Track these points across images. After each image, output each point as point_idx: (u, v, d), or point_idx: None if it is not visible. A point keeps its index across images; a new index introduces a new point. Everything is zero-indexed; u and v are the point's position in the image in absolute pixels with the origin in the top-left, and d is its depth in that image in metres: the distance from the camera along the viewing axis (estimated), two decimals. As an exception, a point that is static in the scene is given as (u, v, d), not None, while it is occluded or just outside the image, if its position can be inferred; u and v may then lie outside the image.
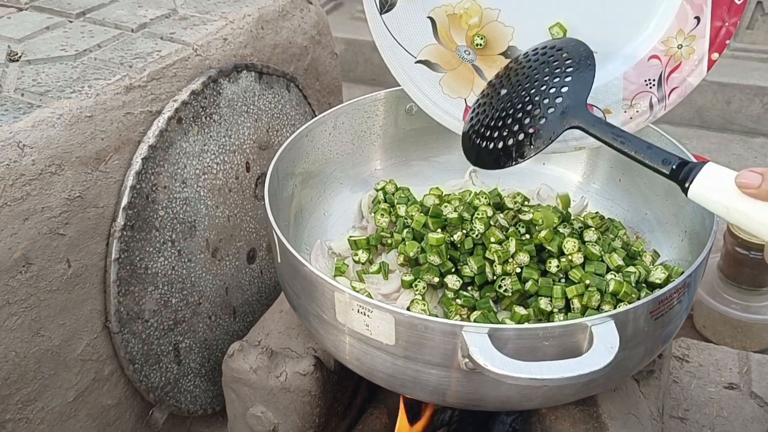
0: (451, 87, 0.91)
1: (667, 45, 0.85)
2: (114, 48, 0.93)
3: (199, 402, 1.02)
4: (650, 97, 0.86)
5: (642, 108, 0.86)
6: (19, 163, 0.74)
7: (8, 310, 0.75)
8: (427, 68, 0.90)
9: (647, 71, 0.86)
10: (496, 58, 0.90)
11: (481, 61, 0.90)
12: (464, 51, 0.90)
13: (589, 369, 0.59)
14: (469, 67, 0.90)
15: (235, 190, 1.02)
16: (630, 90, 0.87)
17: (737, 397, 1.11)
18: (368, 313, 0.67)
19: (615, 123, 0.87)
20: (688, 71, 0.84)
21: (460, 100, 0.91)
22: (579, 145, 0.90)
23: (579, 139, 0.90)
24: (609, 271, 0.82)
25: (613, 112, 0.87)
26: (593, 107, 0.88)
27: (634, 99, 0.87)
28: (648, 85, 0.86)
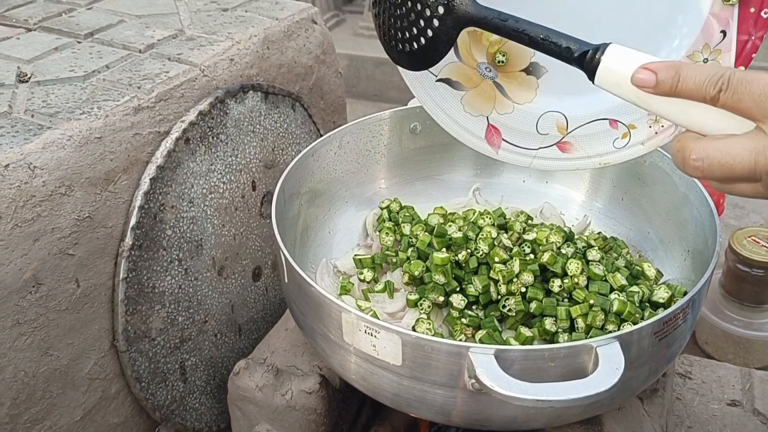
0: (473, 105, 0.90)
1: (692, 59, 0.84)
2: (122, 69, 0.94)
3: (205, 420, 1.02)
4: None
5: (667, 123, 0.86)
6: (29, 184, 0.75)
7: (18, 330, 0.75)
8: (448, 86, 0.90)
9: None
10: (518, 74, 0.90)
11: (503, 78, 0.90)
12: (485, 68, 0.89)
13: (595, 390, 0.59)
14: (491, 84, 0.90)
15: (241, 208, 1.03)
16: None
17: (740, 414, 1.12)
18: (375, 333, 0.67)
19: (640, 138, 0.87)
20: None
21: (482, 118, 0.91)
22: (603, 161, 0.90)
23: (602, 155, 0.89)
24: (612, 290, 0.83)
25: (638, 126, 0.87)
26: (617, 122, 0.88)
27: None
28: None
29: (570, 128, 0.89)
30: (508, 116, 0.91)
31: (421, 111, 1.03)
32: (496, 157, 0.92)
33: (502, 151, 0.91)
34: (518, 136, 0.91)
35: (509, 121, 0.91)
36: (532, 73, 0.89)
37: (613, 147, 0.88)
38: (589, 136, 0.89)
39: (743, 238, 1.31)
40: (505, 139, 0.91)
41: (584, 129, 0.89)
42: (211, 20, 1.10)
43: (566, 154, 0.90)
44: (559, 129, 0.90)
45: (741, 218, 1.98)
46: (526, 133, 0.91)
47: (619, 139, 0.88)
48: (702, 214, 0.84)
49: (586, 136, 0.89)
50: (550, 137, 0.90)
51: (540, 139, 0.90)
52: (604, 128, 0.89)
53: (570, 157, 0.90)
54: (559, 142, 0.90)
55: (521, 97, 0.90)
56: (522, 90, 0.90)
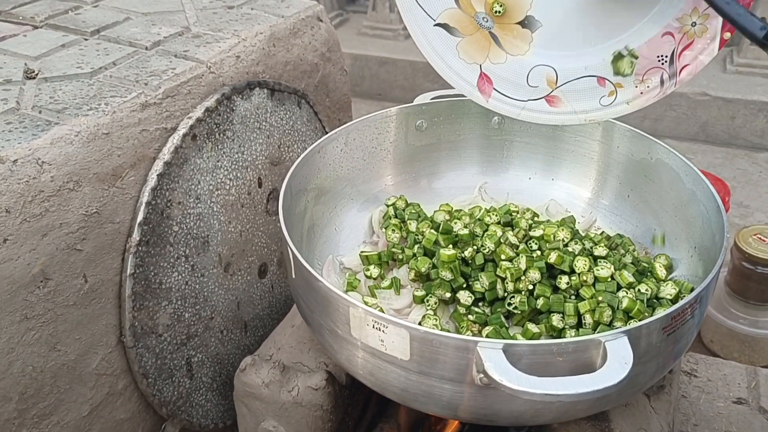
0: (468, 52, 0.92)
1: (681, 22, 0.86)
2: (129, 66, 0.94)
3: (211, 416, 1.03)
4: (661, 74, 0.88)
5: (653, 83, 0.88)
6: (38, 179, 0.75)
7: (26, 324, 0.76)
8: (445, 32, 0.92)
9: (660, 47, 0.87)
10: (514, 27, 0.91)
11: (498, 29, 0.91)
12: (482, 18, 0.91)
13: (603, 385, 0.59)
14: (486, 34, 0.92)
15: (248, 205, 1.03)
16: (642, 65, 0.88)
17: (746, 412, 1.11)
18: (383, 328, 0.68)
19: (626, 97, 0.90)
20: (700, 49, 0.86)
21: (475, 65, 0.92)
22: (588, 117, 0.92)
23: (588, 112, 0.92)
24: (620, 288, 0.83)
25: (624, 86, 0.89)
26: (605, 80, 0.90)
27: (646, 74, 0.88)
28: (660, 61, 0.87)
29: (559, 82, 0.92)
30: (501, 66, 0.92)
31: (427, 108, 1.03)
32: (486, 105, 0.94)
33: (492, 99, 0.93)
34: (509, 86, 0.93)
35: (501, 71, 0.93)
36: (527, 26, 0.91)
37: (599, 104, 0.91)
38: (576, 91, 0.92)
39: (749, 236, 1.31)
40: (496, 88, 0.93)
41: (573, 84, 0.92)
42: (217, 17, 1.10)
43: (553, 107, 0.93)
44: (548, 83, 0.92)
45: (746, 217, 1.98)
46: (517, 84, 0.93)
47: (606, 97, 0.91)
48: (709, 211, 0.84)
49: (574, 91, 0.92)
50: (539, 90, 0.93)
51: (529, 91, 0.93)
52: (592, 85, 0.91)
53: (557, 111, 0.93)
54: (547, 96, 0.92)
55: (515, 49, 0.92)
56: (516, 42, 0.92)
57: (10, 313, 0.74)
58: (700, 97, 2.26)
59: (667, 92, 0.88)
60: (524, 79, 0.92)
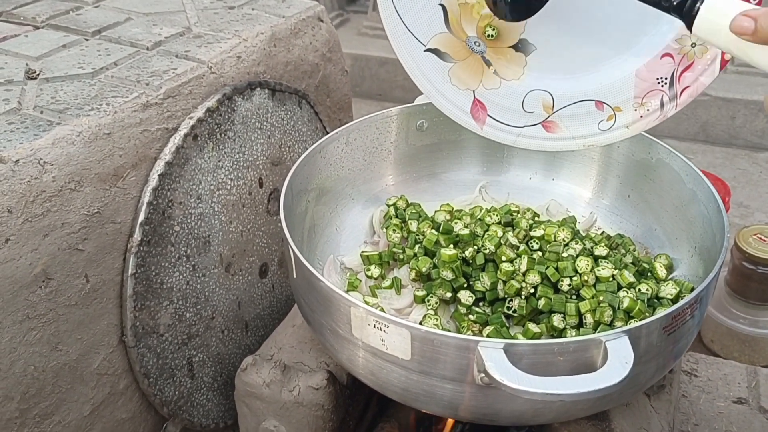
0: (460, 78, 0.90)
1: (680, 43, 0.84)
2: (130, 66, 0.94)
3: (212, 416, 1.03)
4: (661, 96, 0.86)
5: (653, 106, 0.86)
6: (39, 179, 0.75)
7: (28, 324, 0.76)
8: (436, 57, 0.89)
9: (659, 69, 0.86)
10: (507, 50, 0.90)
11: (491, 53, 0.90)
12: (474, 42, 0.89)
13: (604, 384, 0.59)
14: (479, 58, 0.90)
15: (249, 205, 1.03)
16: (641, 88, 0.87)
17: (746, 411, 1.12)
18: (384, 328, 0.68)
19: (625, 121, 0.88)
20: (700, 70, 0.84)
21: (468, 91, 0.91)
22: (587, 143, 0.90)
23: (587, 137, 0.90)
24: (620, 288, 0.83)
25: (623, 109, 0.88)
26: (603, 104, 0.89)
27: (645, 97, 0.87)
28: (660, 83, 0.86)
29: (556, 107, 0.90)
30: (495, 92, 0.91)
31: (428, 108, 1.03)
32: (480, 133, 0.92)
33: (486, 126, 0.92)
34: (504, 112, 0.91)
35: (495, 97, 0.91)
36: (521, 50, 0.89)
37: (597, 129, 0.89)
38: (574, 116, 0.90)
39: (749, 236, 1.31)
40: (490, 114, 0.91)
41: (570, 109, 0.90)
42: (217, 18, 1.11)
43: (551, 133, 0.91)
44: (544, 108, 0.90)
45: (746, 217, 1.98)
46: (512, 110, 0.91)
47: (605, 122, 0.89)
48: (710, 211, 0.84)
49: (571, 116, 0.90)
50: (535, 116, 0.91)
51: (525, 117, 0.91)
52: (590, 109, 0.89)
53: (554, 137, 0.91)
54: (544, 121, 0.91)
55: (509, 74, 0.90)
56: (510, 66, 0.90)
57: (12, 312, 0.74)
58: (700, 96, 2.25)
59: (668, 115, 0.87)
60: (519, 105, 0.90)
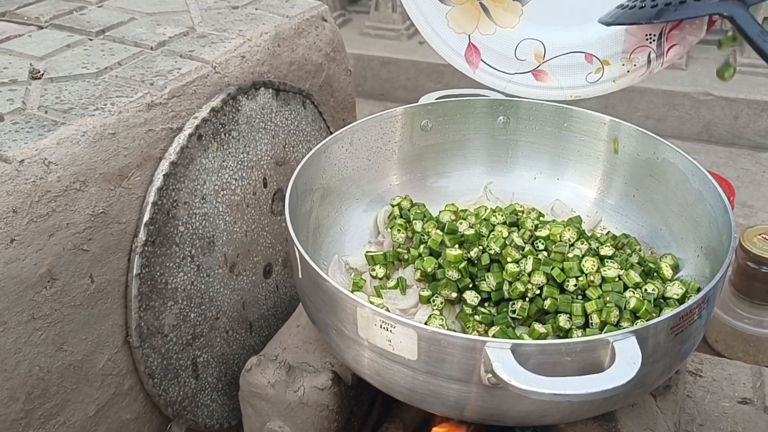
0: (457, 21, 0.92)
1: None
2: (134, 66, 0.94)
3: (216, 416, 1.03)
4: (649, 52, 0.88)
5: (640, 62, 0.88)
6: (44, 179, 0.75)
7: (33, 325, 0.76)
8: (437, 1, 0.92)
9: (649, 26, 0.88)
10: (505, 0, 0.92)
11: (489, 0, 0.92)
12: None
13: (612, 385, 0.59)
14: (477, 4, 0.92)
15: (253, 205, 1.03)
16: (630, 43, 0.89)
17: (751, 411, 1.11)
18: (390, 328, 0.67)
19: (612, 75, 0.91)
20: (688, 29, 0.86)
21: (464, 35, 0.93)
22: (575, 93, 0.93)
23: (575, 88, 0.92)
24: (626, 288, 0.83)
25: (611, 63, 0.90)
26: (592, 57, 0.90)
27: (634, 53, 0.89)
28: (648, 39, 0.88)
29: (547, 57, 0.92)
30: (490, 37, 0.93)
31: (432, 108, 1.03)
32: (472, 76, 0.94)
33: (479, 71, 0.94)
34: (496, 58, 0.94)
35: (490, 42, 0.93)
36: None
37: (585, 81, 0.92)
38: (564, 67, 0.92)
39: (753, 236, 1.31)
40: (483, 59, 0.94)
41: (560, 60, 0.92)
42: (221, 18, 1.10)
43: (540, 82, 0.93)
44: (536, 56, 0.92)
45: (749, 216, 1.98)
46: (505, 56, 0.94)
47: (592, 74, 0.92)
48: (716, 211, 0.83)
49: (561, 66, 0.92)
50: (526, 63, 0.93)
51: (517, 64, 0.94)
52: (579, 61, 0.92)
53: (543, 86, 0.94)
54: (534, 70, 0.93)
55: (504, 21, 0.93)
56: (506, 14, 0.92)
57: (17, 313, 0.74)
58: (704, 96, 2.26)
59: (654, 71, 0.89)
60: (512, 52, 0.93)
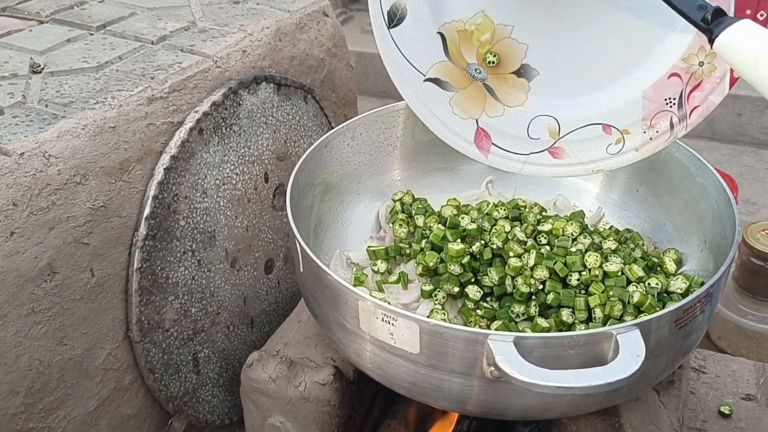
0: (462, 106, 0.88)
1: (687, 63, 0.83)
2: (135, 60, 0.94)
3: (217, 412, 1.02)
4: (671, 117, 0.84)
5: (662, 128, 0.85)
6: (44, 172, 0.74)
7: (33, 318, 0.75)
8: (437, 87, 0.88)
9: (667, 90, 0.84)
10: (509, 77, 0.88)
11: (493, 80, 0.88)
12: (475, 69, 0.87)
13: (616, 377, 0.59)
14: (480, 86, 0.88)
15: (254, 200, 1.02)
16: (649, 110, 0.85)
17: (755, 408, 1.11)
18: (392, 321, 0.67)
19: (634, 144, 0.86)
20: (709, 89, 0.82)
21: (471, 120, 0.89)
22: (596, 168, 0.89)
23: (595, 162, 0.88)
24: (629, 282, 0.82)
25: (632, 132, 0.86)
26: (610, 127, 0.86)
27: (654, 119, 0.85)
28: (668, 104, 0.84)
29: (562, 133, 0.88)
30: (498, 119, 0.88)
31: (434, 103, 1.03)
32: (485, 162, 0.90)
33: (491, 155, 0.90)
34: (509, 140, 0.89)
35: (499, 124, 0.89)
36: (523, 76, 0.87)
37: (606, 153, 0.87)
38: (581, 141, 0.87)
39: (757, 232, 1.31)
40: (495, 143, 0.89)
41: (577, 134, 0.87)
42: (222, 12, 1.10)
43: (558, 159, 0.88)
44: (550, 133, 0.88)
45: (752, 213, 1.97)
46: (517, 137, 0.89)
47: (613, 145, 0.87)
48: (720, 205, 0.83)
49: (578, 141, 0.88)
50: (541, 142, 0.88)
51: (531, 143, 0.89)
52: (597, 133, 0.87)
53: (562, 163, 0.89)
54: (550, 147, 0.88)
55: (512, 100, 0.88)
56: (513, 92, 0.88)
57: (17, 306, 0.73)
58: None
59: (678, 136, 0.85)
60: (524, 132, 0.88)
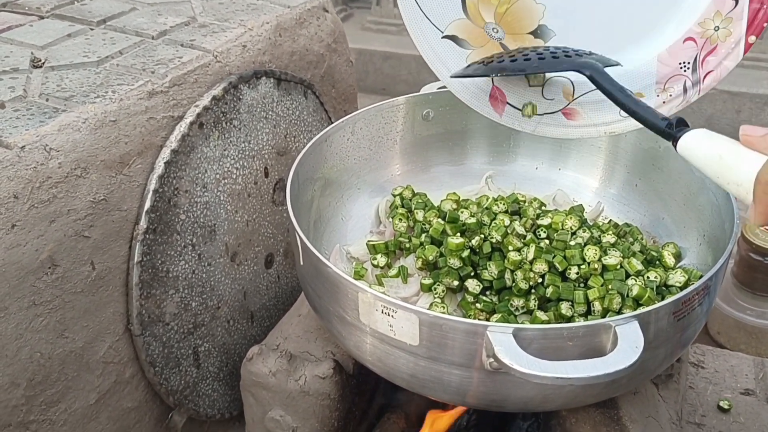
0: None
1: (703, 27, 0.83)
2: (135, 54, 0.94)
3: (217, 406, 1.02)
4: (684, 81, 0.85)
5: (675, 92, 0.85)
6: (45, 165, 0.75)
7: (34, 311, 0.75)
8: (454, 44, 0.88)
9: (682, 54, 0.84)
10: (525, 37, 0.88)
11: (510, 40, 0.88)
12: (492, 28, 0.88)
13: (614, 368, 0.59)
14: (497, 45, 0.88)
15: (254, 195, 1.03)
16: (663, 73, 0.85)
17: (754, 403, 1.11)
18: (392, 313, 0.67)
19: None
20: (724, 54, 0.82)
21: (486, 79, 0.90)
22: (609, 130, 0.89)
23: (609, 124, 0.88)
24: (628, 276, 0.82)
25: (645, 95, 0.85)
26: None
27: (668, 83, 0.85)
28: (682, 68, 0.84)
29: (576, 94, 0.88)
30: (513, 79, 0.89)
31: (434, 98, 1.03)
32: (499, 121, 0.91)
33: (505, 115, 0.90)
34: (523, 99, 0.90)
35: (514, 84, 0.89)
36: (540, 36, 0.88)
37: (619, 116, 0.87)
38: (595, 102, 0.88)
39: (755, 227, 1.31)
40: (509, 102, 0.90)
41: (591, 96, 0.87)
42: (222, 8, 1.10)
43: (571, 121, 0.89)
44: (564, 95, 0.89)
45: (751, 211, 1.97)
46: (531, 97, 0.90)
47: None
48: (718, 198, 0.83)
49: (592, 103, 0.88)
50: (555, 102, 0.89)
51: (545, 104, 0.89)
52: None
53: (575, 124, 0.89)
54: (564, 109, 0.89)
55: None
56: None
57: (18, 299, 0.73)
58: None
59: (691, 100, 0.85)
60: (539, 92, 0.89)
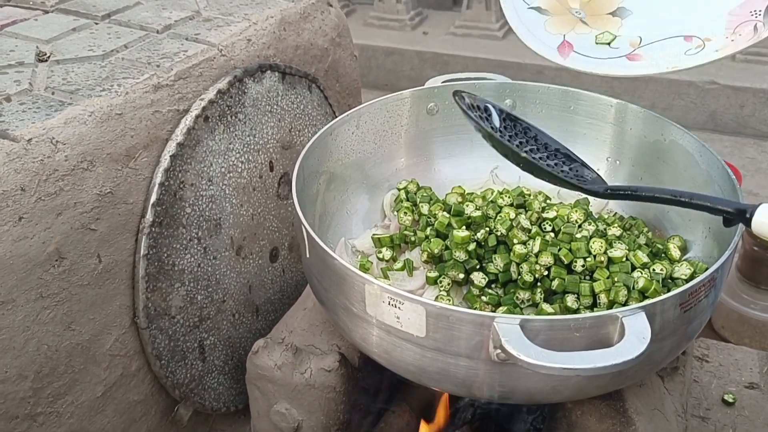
0: (555, 26, 0.94)
1: None
2: (141, 48, 0.94)
3: (223, 400, 1.03)
4: (755, 24, 0.85)
5: (745, 33, 0.85)
6: (52, 158, 0.75)
7: (41, 303, 0.76)
8: (537, 13, 0.94)
9: (754, 4, 0.85)
10: (604, 17, 0.93)
11: (590, 19, 0.93)
12: (575, 12, 0.94)
13: (621, 359, 0.59)
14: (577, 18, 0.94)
15: (259, 188, 1.03)
16: (734, 21, 0.86)
17: (758, 396, 1.11)
18: (399, 305, 0.67)
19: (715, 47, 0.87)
20: None
21: (559, 35, 0.93)
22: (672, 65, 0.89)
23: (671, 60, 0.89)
24: (634, 268, 0.82)
25: (713, 39, 0.86)
26: (692, 37, 0.88)
27: (737, 28, 0.86)
28: (753, 15, 0.85)
29: (643, 44, 0.91)
30: (585, 35, 0.93)
31: (439, 92, 1.03)
32: (563, 63, 0.93)
33: (569, 59, 0.93)
34: (590, 48, 0.93)
35: (584, 39, 0.93)
36: (617, 15, 0.92)
37: (684, 55, 0.88)
38: (660, 47, 0.89)
39: None
40: (576, 51, 0.93)
41: (657, 44, 0.90)
42: (227, 2, 1.10)
43: (635, 62, 0.91)
44: (631, 44, 0.91)
45: (755, 205, 1.97)
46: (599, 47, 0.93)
47: (692, 50, 0.88)
48: (724, 191, 0.83)
49: (657, 48, 0.90)
50: (621, 50, 0.92)
51: (611, 51, 0.92)
52: (678, 42, 0.89)
53: (638, 65, 0.91)
54: (629, 54, 0.91)
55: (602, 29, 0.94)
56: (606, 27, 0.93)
57: (25, 291, 0.74)
58: (709, 85, 2.25)
59: (762, 36, 0.85)
60: (606, 45, 0.93)
